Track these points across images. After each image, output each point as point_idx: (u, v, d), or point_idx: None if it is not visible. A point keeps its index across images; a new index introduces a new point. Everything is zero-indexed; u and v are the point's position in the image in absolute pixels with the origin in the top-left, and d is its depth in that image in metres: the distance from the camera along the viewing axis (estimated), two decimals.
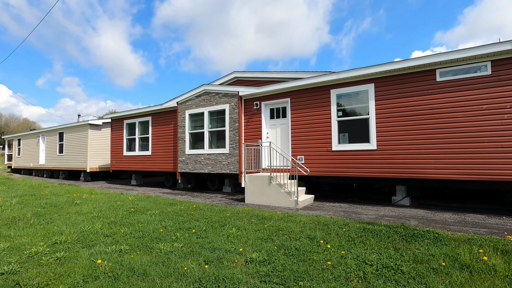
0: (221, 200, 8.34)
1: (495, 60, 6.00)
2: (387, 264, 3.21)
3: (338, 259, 3.39)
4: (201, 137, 10.59)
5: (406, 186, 7.26)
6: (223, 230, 4.70)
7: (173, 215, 5.95)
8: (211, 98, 10.27)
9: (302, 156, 8.33)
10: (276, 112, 9.20)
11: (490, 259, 3.26)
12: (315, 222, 5.11)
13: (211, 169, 10.11)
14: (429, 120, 6.60)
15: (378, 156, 7.19)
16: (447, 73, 6.47)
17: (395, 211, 6.40)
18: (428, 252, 3.57)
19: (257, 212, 6.11)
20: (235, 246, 3.92)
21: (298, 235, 4.34)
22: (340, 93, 7.86)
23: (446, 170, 6.39)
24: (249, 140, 9.35)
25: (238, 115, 9.51)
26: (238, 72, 10.12)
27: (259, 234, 4.47)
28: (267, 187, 7.47)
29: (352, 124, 7.70)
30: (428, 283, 2.79)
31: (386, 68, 6.97)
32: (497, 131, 5.92)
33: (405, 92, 6.91)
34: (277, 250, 3.73)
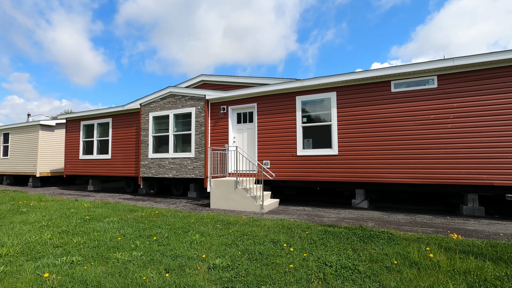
0: (186, 205, 8.13)
1: (440, 74, 6.64)
2: (345, 264, 3.36)
3: (300, 262, 3.47)
4: (165, 141, 10.25)
5: (365, 190, 7.69)
6: (186, 237, 4.57)
7: (133, 222, 5.66)
8: (177, 101, 10.02)
9: (268, 160, 8.44)
10: (243, 117, 9.24)
11: (436, 256, 3.56)
12: (280, 226, 5.19)
13: (175, 174, 9.82)
14: (384, 127, 7.09)
15: (339, 161, 7.54)
16: (400, 84, 7.02)
17: (355, 213, 6.73)
18: (382, 251, 3.80)
19: (223, 217, 6.05)
20: (198, 253, 3.84)
21: (262, 239, 4.36)
22: (305, 100, 8.13)
23: (399, 174, 6.88)
24: (215, 144, 9.26)
25: (204, 118, 9.39)
26: (205, 76, 10.02)
27: (224, 239, 4.42)
28: (233, 192, 7.44)
29: (316, 130, 7.99)
30: (382, 281, 2.97)
31: (346, 78, 7.37)
32: (442, 139, 6.53)
33: (364, 101, 7.36)
34: (241, 255, 3.71)
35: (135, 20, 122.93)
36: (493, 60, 6.09)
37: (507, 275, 3.04)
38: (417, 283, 2.89)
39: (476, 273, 3.09)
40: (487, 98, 6.23)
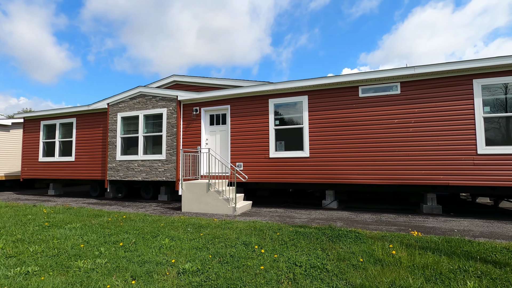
0: (156, 209, 7.87)
1: (403, 81, 7.07)
2: (314, 264, 3.44)
3: (271, 263, 3.50)
4: (135, 142, 9.87)
5: (334, 191, 7.95)
6: (155, 242, 4.43)
7: (98, 228, 5.37)
8: (148, 101, 9.71)
9: (241, 163, 8.44)
10: (216, 119, 9.16)
11: (398, 252, 3.77)
12: (252, 228, 5.20)
13: (145, 177, 9.48)
14: (353, 131, 7.39)
15: (310, 163, 7.73)
16: (367, 90, 7.37)
17: (325, 214, 6.93)
18: (350, 250, 3.95)
19: (194, 221, 5.94)
20: (168, 258, 3.73)
21: (234, 242, 4.35)
22: (277, 103, 8.25)
23: (366, 176, 7.21)
24: (187, 146, 9.08)
25: (176, 120, 9.18)
26: (177, 76, 9.81)
27: (194, 243, 4.34)
28: (205, 195, 7.34)
29: (288, 133, 8.13)
30: (348, 278, 3.08)
31: (317, 82, 7.60)
32: (404, 142, 6.95)
33: (334, 105, 7.63)
34: (211, 259, 3.67)
35: (103, 16, 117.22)
36: (449, 70, 6.60)
37: (460, 268, 3.29)
38: (380, 279, 3.04)
39: (433, 267, 3.31)
40: (444, 104, 6.74)
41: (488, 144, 6.42)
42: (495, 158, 6.30)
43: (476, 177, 6.39)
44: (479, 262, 3.45)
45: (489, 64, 6.32)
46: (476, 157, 6.42)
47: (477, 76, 6.54)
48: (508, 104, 6.52)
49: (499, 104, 6.57)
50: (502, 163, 6.25)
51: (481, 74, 6.52)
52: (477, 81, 6.54)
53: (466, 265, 3.33)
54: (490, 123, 6.54)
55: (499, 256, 3.63)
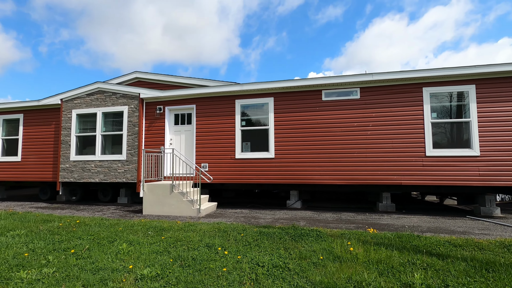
0: (114, 212, 7.44)
1: (362, 87, 7.49)
2: (277, 263, 3.49)
3: (234, 264, 3.49)
4: (92, 142, 9.25)
5: (298, 191, 8.16)
6: (112, 247, 4.18)
7: (47, 234, 4.93)
8: (107, 98, 9.15)
9: (206, 163, 8.31)
10: (181, 118, 8.92)
11: (355, 249, 3.97)
12: (216, 230, 5.13)
13: (103, 178, 8.92)
14: (315, 133, 7.66)
15: (276, 164, 7.85)
16: (330, 94, 7.69)
17: (289, 214, 7.08)
18: (311, 248, 4.07)
19: (155, 224, 5.71)
20: (125, 264, 3.54)
21: (196, 245, 4.25)
22: (244, 104, 8.27)
23: (328, 176, 7.50)
24: (150, 146, 8.72)
25: (138, 119, 8.77)
26: (140, 73, 9.39)
27: (155, 247, 4.17)
28: (169, 196, 7.10)
29: (254, 134, 8.19)
30: (309, 276, 3.17)
31: (283, 84, 7.76)
32: (363, 145, 7.36)
33: (298, 107, 7.84)
34: (172, 263, 3.55)
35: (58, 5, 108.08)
36: (402, 78, 7.13)
37: (409, 261, 3.55)
38: (338, 275, 3.17)
39: (386, 261, 3.53)
40: (398, 109, 7.26)
41: (435, 147, 7.04)
42: (441, 160, 6.93)
43: (424, 177, 6.97)
44: (425, 255, 3.76)
45: (436, 74, 6.95)
46: (424, 159, 7.00)
47: (426, 84, 7.15)
48: (452, 111, 7.22)
49: (445, 111, 7.25)
50: (447, 164, 6.89)
51: (430, 83, 7.13)
52: (426, 89, 7.14)
53: (414, 258, 3.61)
54: (437, 128, 7.18)
55: (442, 249, 3.99)
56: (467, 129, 6.93)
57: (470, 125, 6.86)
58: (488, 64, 6.71)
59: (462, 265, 3.40)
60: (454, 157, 6.86)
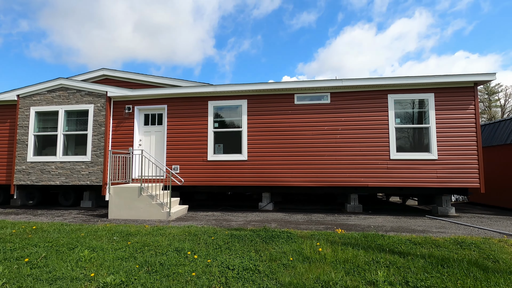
0: (77, 217, 7.00)
1: (333, 92, 7.75)
2: (247, 266, 3.48)
3: (204, 268, 3.42)
4: (52, 142, 8.64)
5: (271, 193, 8.22)
6: (73, 254, 3.92)
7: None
8: (71, 96, 8.62)
9: (177, 165, 8.11)
10: (151, 119, 8.64)
11: (323, 249, 4.07)
12: (186, 233, 5.01)
13: (65, 181, 8.36)
14: (288, 136, 7.79)
15: (248, 166, 7.86)
16: (302, 98, 7.87)
17: (261, 216, 7.11)
18: (281, 250, 4.11)
19: (122, 228, 5.45)
20: (86, 272, 3.33)
21: (165, 249, 4.12)
22: (217, 105, 8.20)
23: (300, 178, 7.65)
24: (118, 147, 8.34)
25: (105, 118, 8.35)
26: (108, 70, 8.96)
27: (120, 253, 3.97)
28: (137, 200, 6.82)
29: (227, 136, 8.14)
30: (278, 277, 3.20)
31: (256, 87, 7.81)
32: (333, 148, 7.60)
33: (271, 110, 7.93)
34: (138, 269, 3.40)
35: None
36: (369, 84, 7.49)
37: (373, 260, 3.72)
38: (307, 275, 3.23)
39: (352, 261, 3.67)
40: (365, 114, 7.60)
41: (399, 150, 7.46)
42: (404, 163, 7.35)
43: (389, 179, 7.35)
44: (388, 253, 3.95)
45: (399, 82, 7.38)
46: (389, 162, 7.39)
47: (391, 91, 7.56)
48: (414, 117, 7.70)
49: (408, 117, 7.72)
50: (409, 167, 7.32)
51: (394, 90, 7.56)
52: (391, 96, 7.56)
53: (379, 257, 3.78)
54: (400, 133, 7.62)
55: (403, 247, 4.22)
56: (427, 134, 7.43)
57: (429, 130, 7.36)
58: (445, 75, 7.26)
59: (421, 262, 3.62)
60: (416, 160, 7.32)
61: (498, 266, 3.49)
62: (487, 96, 32.58)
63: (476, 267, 3.42)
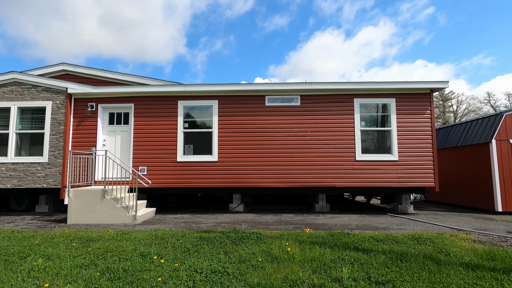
0: (31, 223, 6.45)
1: (302, 95, 7.94)
2: (216, 268, 3.43)
3: (170, 273, 3.32)
4: (3, 141, 7.90)
5: (241, 194, 8.21)
6: (24, 264, 3.60)
7: None
8: (25, 91, 7.95)
9: (145, 167, 7.80)
10: (117, 118, 8.23)
11: (292, 249, 4.14)
12: (153, 237, 4.83)
13: (17, 183, 7.67)
14: (258, 137, 7.84)
15: (219, 167, 7.78)
16: (273, 100, 7.97)
17: (231, 217, 7.07)
18: (251, 251, 4.11)
19: (82, 234, 5.12)
20: (40, 282, 3.08)
21: (130, 254, 3.94)
22: (187, 105, 8.03)
23: (270, 179, 7.73)
24: (79, 147, 7.83)
25: (65, 116, 7.81)
26: (68, 65, 8.39)
27: (79, 260, 3.72)
28: (100, 203, 6.45)
29: (197, 136, 8.00)
30: (247, 279, 3.20)
31: (227, 88, 7.77)
32: (303, 149, 7.79)
33: (242, 111, 7.93)
34: (99, 276, 3.21)
35: None
36: (336, 88, 7.78)
37: (339, 257, 3.85)
38: (275, 275, 3.26)
39: (319, 259, 3.77)
40: (333, 117, 7.88)
41: (364, 152, 7.83)
42: (368, 164, 7.73)
43: (354, 179, 7.69)
44: (353, 250, 4.12)
45: (364, 87, 7.76)
46: (355, 163, 7.72)
47: (357, 96, 7.93)
48: (378, 120, 8.13)
49: (373, 120, 8.13)
50: (373, 168, 7.71)
51: (360, 94, 7.93)
52: (357, 100, 7.91)
53: (344, 254, 3.93)
54: (366, 135, 8.00)
55: (367, 244, 4.42)
56: (389, 137, 7.88)
57: (391, 133, 7.82)
58: (405, 81, 7.76)
59: (382, 257, 3.82)
60: (379, 161, 7.72)
61: (449, 259, 3.78)
62: (442, 102, 35.43)
63: (430, 261, 3.68)
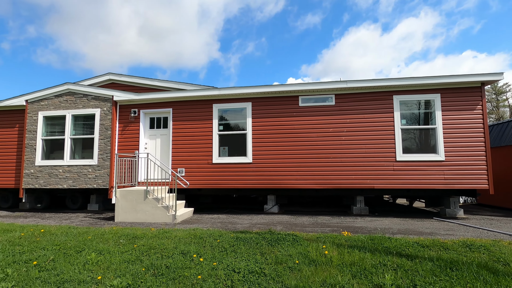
0: (84, 220, 7.07)
1: (337, 94, 7.73)
2: (253, 269, 3.47)
3: (209, 271, 3.42)
4: (60, 145, 8.76)
5: (276, 196, 8.20)
6: (80, 257, 3.96)
7: (6, 245, 4.57)
8: (78, 100, 8.74)
9: (183, 168, 8.15)
10: (157, 122, 8.71)
11: (330, 252, 4.04)
12: (191, 236, 5.02)
13: (72, 184, 8.46)
14: (293, 138, 7.78)
15: (253, 168, 7.86)
16: (306, 100, 7.86)
17: (266, 218, 7.09)
18: (287, 253, 4.09)
19: (128, 231, 5.48)
20: (93, 275, 3.36)
21: (171, 252, 4.13)
22: (222, 108, 8.23)
23: (305, 181, 7.62)
24: (124, 150, 8.41)
25: (111, 122, 8.45)
26: (114, 75, 9.07)
27: (126, 256, 4.00)
28: (143, 203, 6.86)
29: (231, 138, 8.16)
30: (284, 280, 3.18)
31: (261, 90, 7.82)
32: (338, 150, 7.56)
33: (276, 112, 7.93)
34: (145, 272, 3.42)
35: None
36: (374, 86, 7.45)
37: (380, 262, 3.67)
38: (313, 279, 3.21)
39: (359, 263, 3.63)
40: (370, 116, 7.55)
41: (405, 152, 7.38)
42: (410, 164, 7.27)
43: (395, 181, 7.28)
44: (395, 256, 3.90)
45: (405, 83, 7.32)
46: (395, 163, 7.32)
47: (397, 92, 7.51)
48: (420, 118, 7.63)
49: (414, 118, 7.65)
50: (415, 169, 7.24)
51: (400, 91, 7.50)
52: (396, 97, 7.50)
53: (385, 260, 3.74)
54: (407, 134, 7.55)
55: (411, 250, 4.16)
56: (433, 135, 7.35)
57: (436, 131, 7.28)
58: (451, 75, 7.18)
59: (429, 265, 3.57)
60: (422, 162, 7.23)
61: (509, 269, 3.42)
62: (495, 96, 32.16)
63: (486, 270, 3.35)
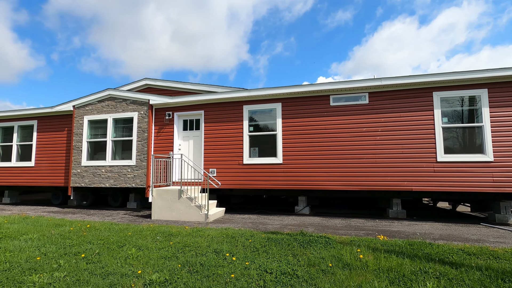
0: (124, 217, 7.52)
1: (371, 92, 7.43)
2: (285, 270, 3.46)
3: (242, 271, 3.47)
4: (102, 147, 9.42)
5: (307, 197, 8.08)
6: (121, 252, 4.22)
7: (58, 238, 5.01)
8: (117, 105, 9.33)
9: (214, 169, 8.34)
10: (189, 124, 9.02)
11: (365, 256, 3.90)
12: (224, 235, 5.13)
13: (113, 183, 9.05)
14: (324, 138, 7.62)
15: (284, 169, 7.82)
16: (338, 99, 7.65)
17: (297, 219, 7.02)
18: (319, 255, 4.02)
19: (164, 229, 5.74)
20: (134, 269, 3.56)
21: (205, 250, 4.25)
22: (252, 109, 8.31)
23: (336, 182, 7.42)
24: (159, 151, 8.83)
25: (147, 124, 8.91)
26: (149, 80, 9.56)
27: (163, 252, 4.19)
28: (177, 202, 7.14)
29: (262, 139, 8.20)
30: (317, 283, 3.13)
31: (290, 90, 7.77)
32: (372, 150, 7.27)
33: (306, 112, 7.82)
34: (181, 268, 3.55)
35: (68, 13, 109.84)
36: (411, 82, 7.05)
37: (421, 269, 3.47)
38: (348, 283, 3.11)
39: (397, 269, 3.46)
40: (407, 114, 7.16)
41: (447, 152, 6.90)
42: (453, 166, 6.78)
43: (436, 183, 6.82)
44: (438, 263, 3.66)
45: (446, 78, 6.84)
46: (436, 165, 6.86)
47: (437, 89, 7.04)
48: (464, 116, 7.08)
49: (457, 115, 7.11)
50: (459, 170, 6.73)
51: (440, 87, 7.03)
52: (436, 94, 7.03)
53: (426, 267, 3.52)
54: (448, 133, 7.04)
55: (455, 257, 3.88)
56: (479, 134, 6.78)
57: (482, 130, 6.71)
58: (500, 68, 6.57)
59: (477, 274, 3.30)
60: (467, 163, 6.70)
61: None
62: None
63: None
